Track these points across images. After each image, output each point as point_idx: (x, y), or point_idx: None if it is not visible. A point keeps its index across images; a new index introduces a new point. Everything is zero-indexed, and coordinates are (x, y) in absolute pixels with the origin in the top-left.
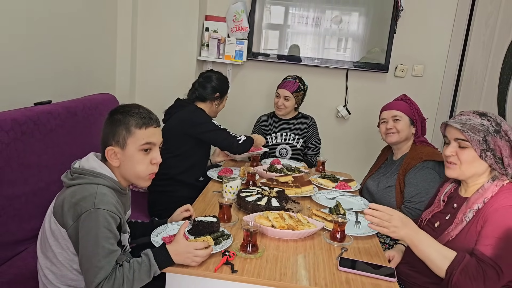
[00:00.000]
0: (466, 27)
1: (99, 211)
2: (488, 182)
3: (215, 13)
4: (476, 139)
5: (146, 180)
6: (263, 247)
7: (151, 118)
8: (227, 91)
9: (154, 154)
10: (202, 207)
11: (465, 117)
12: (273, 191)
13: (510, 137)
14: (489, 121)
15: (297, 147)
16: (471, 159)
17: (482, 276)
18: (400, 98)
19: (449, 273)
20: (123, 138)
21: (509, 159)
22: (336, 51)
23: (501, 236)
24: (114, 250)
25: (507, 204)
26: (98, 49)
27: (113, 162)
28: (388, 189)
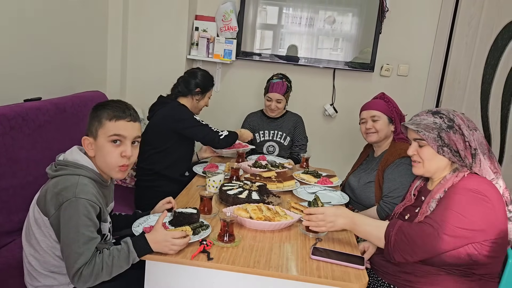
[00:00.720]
0: (450, 28)
1: (79, 200)
2: (450, 173)
3: (205, 12)
4: (431, 136)
5: (117, 171)
6: (240, 237)
7: (124, 112)
8: (209, 88)
9: (125, 147)
10: (185, 200)
11: (420, 117)
12: (254, 185)
13: (463, 130)
14: (442, 118)
15: (284, 145)
16: (431, 156)
17: (418, 233)
18: (378, 97)
19: (387, 237)
20: (95, 129)
21: (464, 151)
22: (330, 51)
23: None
24: (93, 237)
25: (465, 187)
26: (89, 47)
27: (89, 152)
28: (368, 185)
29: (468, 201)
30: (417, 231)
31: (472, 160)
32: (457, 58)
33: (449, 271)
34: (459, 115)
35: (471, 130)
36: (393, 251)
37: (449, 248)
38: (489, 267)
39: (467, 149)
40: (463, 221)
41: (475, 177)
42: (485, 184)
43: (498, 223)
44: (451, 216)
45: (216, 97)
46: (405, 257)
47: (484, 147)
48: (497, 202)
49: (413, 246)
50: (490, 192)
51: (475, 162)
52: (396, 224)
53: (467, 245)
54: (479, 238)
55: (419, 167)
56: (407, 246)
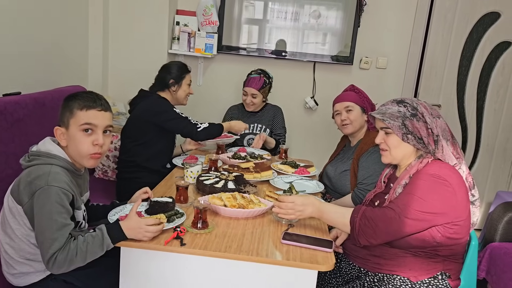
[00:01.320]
0: (426, 21)
1: (51, 188)
2: (415, 160)
3: (186, 7)
4: (396, 125)
5: (89, 159)
6: (214, 224)
7: (95, 102)
8: (182, 76)
9: (96, 136)
10: (162, 191)
11: (385, 106)
12: (231, 175)
13: (425, 118)
14: (405, 107)
15: None
16: (396, 144)
17: (381, 217)
18: (348, 89)
19: (352, 222)
20: (67, 119)
21: (427, 138)
22: (315, 45)
23: (408, 190)
24: (67, 224)
25: (428, 172)
26: (70, 42)
27: (61, 142)
28: (344, 173)
29: (429, 186)
30: (379, 215)
31: (435, 146)
32: (434, 51)
33: (415, 253)
34: (422, 103)
35: (434, 118)
36: (358, 235)
37: (411, 231)
38: (453, 249)
39: (430, 135)
40: (424, 204)
41: (438, 163)
42: (446, 169)
43: (459, 207)
44: (412, 200)
45: (198, 90)
46: (369, 240)
47: (447, 133)
48: (458, 186)
49: (376, 229)
50: (451, 177)
51: (438, 148)
52: (360, 210)
53: (430, 228)
54: (440, 221)
55: (386, 155)
56: (371, 230)
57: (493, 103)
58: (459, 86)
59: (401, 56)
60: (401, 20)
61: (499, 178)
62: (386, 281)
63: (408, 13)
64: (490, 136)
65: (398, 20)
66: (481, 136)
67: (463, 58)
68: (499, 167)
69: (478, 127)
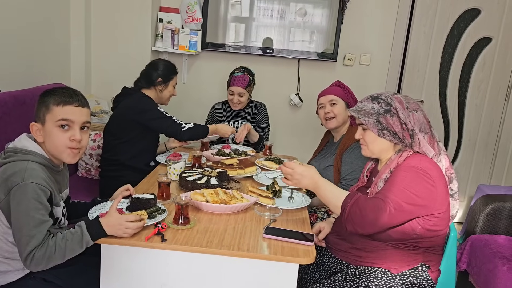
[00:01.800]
0: (409, 18)
1: (28, 184)
2: (394, 154)
3: (169, 4)
4: (371, 121)
5: (68, 154)
6: (196, 220)
7: (72, 97)
8: (170, 77)
9: (73, 132)
10: (145, 188)
11: (361, 103)
12: (214, 171)
13: (399, 113)
14: (379, 103)
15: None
16: (373, 139)
17: (371, 207)
18: (334, 84)
19: (343, 207)
20: (43, 114)
21: (402, 133)
22: (301, 43)
23: (392, 182)
24: (45, 220)
25: (409, 165)
26: (51, 39)
27: (38, 138)
28: (327, 169)
29: (411, 177)
30: (370, 206)
31: (411, 140)
32: (416, 47)
33: (396, 245)
34: (397, 97)
35: (410, 112)
36: (346, 221)
37: (396, 222)
38: (433, 241)
39: (405, 130)
40: (408, 196)
41: (418, 156)
42: (426, 162)
43: (439, 199)
44: (397, 192)
45: (183, 88)
46: (356, 229)
47: (425, 126)
48: (438, 179)
49: (364, 219)
50: (431, 170)
51: (414, 142)
52: (354, 196)
53: (411, 220)
54: (421, 212)
55: (365, 150)
56: (359, 219)
57: (474, 98)
58: (441, 82)
59: (384, 52)
60: (383, 17)
61: (481, 172)
62: (367, 273)
63: (391, 10)
64: (472, 130)
65: (381, 17)
66: (463, 131)
67: (445, 54)
68: (481, 161)
69: (460, 122)
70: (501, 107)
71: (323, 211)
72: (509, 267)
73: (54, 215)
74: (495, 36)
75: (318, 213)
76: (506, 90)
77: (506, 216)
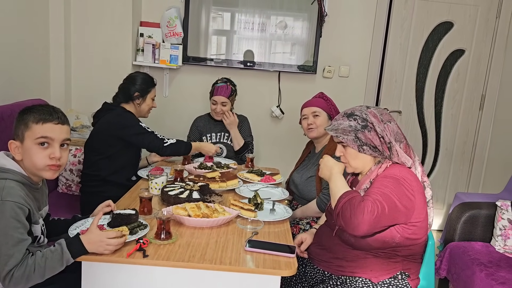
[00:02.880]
0: (385, 30)
1: (6, 203)
2: (374, 165)
3: (150, 19)
4: (350, 139)
5: (47, 171)
6: (177, 234)
7: (51, 115)
8: (148, 90)
9: (53, 149)
10: (126, 203)
11: (337, 122)
12: (196, 185)
13: (375, 127)
14: (356, 120)
15: (231, 145)
16: (354, 156)
17: (362, 207)
18: (318, 96)
19: (337, 201)
20: (22, 132)
21: (381, 146)
22: (282, 55)
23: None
24: (23, 239)
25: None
26: (29, 54)
27: (16, 156)
28: (309, 180)
29: (394, 185)
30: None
31: (389, 152)
32: (393, 59)
33: (376, 254)
34: (371, 111)
35: (385, 124)
36: (337, 216)
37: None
38: (412, 249)
39: (383, 143)
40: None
41: (397, 167)
42: (405, 172)
43: (417, 207)
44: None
45: (164, 102)
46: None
47: (400, 136)
48: (416, 187)
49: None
50: (409, 179)
51: (393, 153)
52: (350, 194)
53: (391, 227)
54: (401, 219)
55: (348, 167)
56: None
57: (450, 108)
58: (418, 92)
59: (362, 64)
60: (360, 30)
61: (459, 180)
62: (348, 283)
63: (367, 23)
64: (449, 140)
65: (358, 29)
66: (440, 140)
67: (421, 65)
68: (458, 169)
69: (437, 132)
70: (476, 116)
71: (305, 222)
72: (487, 273)
73: (33, 233)
74: (468, 48)
75: (300, 224)
76: (480, 100)
77: (482, 223)
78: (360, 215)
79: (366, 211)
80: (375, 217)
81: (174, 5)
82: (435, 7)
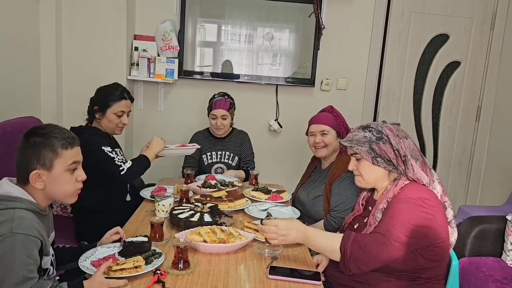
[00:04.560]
0: (382, 43)
1: (16, 236)
2: (390, 184)
3: (144, 32)
4: (364, 150)
5: (74, 196)
6: (195, 262)
7: (74, 138)
8: (108, 104)
9: (79, 172)
10: (134, 228)
11: (353, 133)
12: (205, 206)
13: (390, 140)
14: (371, 131)
15: (232, 165)
16: (368, 168)
17: (372, 242)
18: (326, 110)
19: (342, 249)
20: (50, 160)
21: (396, 159)
22: (270, 67)
23: (390, 214)
24: (30, 278)
25: (406, 196)
26: (19, 71)
27: (37, 185)
28: (317, 199)
29: (410, 209)
30: (370, 241)
31: (404, 167)
32: (390, 71)
33: (398, 276)
34: (387, 126)
35: (400, 139)
36: (349, 263)
37: (399, 255)
38: (434, 270)
39: (398, 157)
40: (408, 228)
41: (415, 186)
42: (424, 192)
43: (439, 228)
44: (397, 225)
45: (160, 117)
46: (360, 267)
47: (416, 153)
48: (437, 208)
49: (368, 255)
50: (429, 200)
51: (408, 168)
52: (351, 235)
53: (413, 251)
54: (423, 243)
55: (359, 180)
56: (362, 256)
57: (447, 120)
58: (415, 104)
59: (360, 77)
60: (358, 42)
61: (457, 192)
62: None
63: (365, 36)
64: (447, 151)
65: (355, 42)
66: (438, 152)
67: (418, 78)
68: (457, 181)
69: (435, 143)
70: (473, 127)
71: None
72: None
73: (43, 266)
74: (464, 60)
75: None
76: (476, 111)
77: (492, 238)
78: (374, 248)
79: (379, 243)
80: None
81: (169, 18)
82: (430, 19)
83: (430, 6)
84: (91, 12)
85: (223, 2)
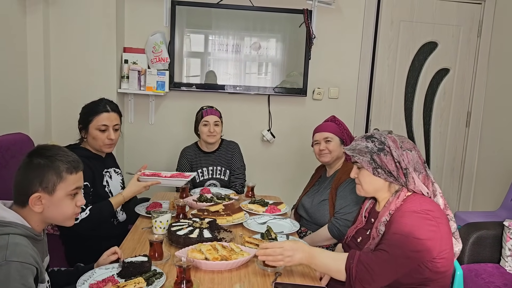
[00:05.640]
0: (372, 52)
1: (11, 264)
2: (392, 196)
3: (134, 45)
4: (365, 160)
5: (72, 220)
6: (198, 281)
7: (78, 162)
8: (88, 119)
9: (79, 196)
10: (131, 247)
11: (355, 142)
12: (204, 222)
13: (392, 152)
14: (373, 142)
15: (225, 180)
16: (368, 178)
17: (375, 260)
18: (329, 120)
19: (348, 269)
20: (53, 184)
21: (397, 171)
22: (258, 76)
23: (393, 229)
24: None
25: (409, 209)
26: (6, 86)
27: (35, 208)
28: (322, 203)
29: (414, 223)
30: (374, 260)
31: (405, 179)
32: (381, 79)
33: None
34: (391, 137)
35: (404, 151)
36: (355, 283)
37: (405, 271)
38: (440, 281)
39: (399, 169)
40: (412, 242)
41: (417, 197)
42: (427, 203)
43: (443, 240)
44: (400, 240)
45: (150, 129)
46: (365, 287)
47: (419, 166)
48: (440, 219)
49: (372, 275)
50: (432, 211)
51: (409, 180)
52: (355, 255)
53: (419, 264)
54: (428, 256)
55: (359, 189)
56: (367, 275)
57: (438, 126)
58: (407, 112)
59: (351, 85)
60: (348, 51)
61: (450, 197)
62: None
63: (355, 44)
64: (438, 157)
65: (346, 51)
66: (430, 158)
67: (408, 85)
68: (449, 187)
69: (427, 150)
70: (463, 133)
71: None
72: None
73: None
74: (452, 67)
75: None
76: (466, 117)
77: (490, 244)
78: (377, 267)
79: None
80: (394, 265)
81: (159, 30)
82: (419, 28)
83: (419, 15)
84: (80, 25)
85: (209, 12)
